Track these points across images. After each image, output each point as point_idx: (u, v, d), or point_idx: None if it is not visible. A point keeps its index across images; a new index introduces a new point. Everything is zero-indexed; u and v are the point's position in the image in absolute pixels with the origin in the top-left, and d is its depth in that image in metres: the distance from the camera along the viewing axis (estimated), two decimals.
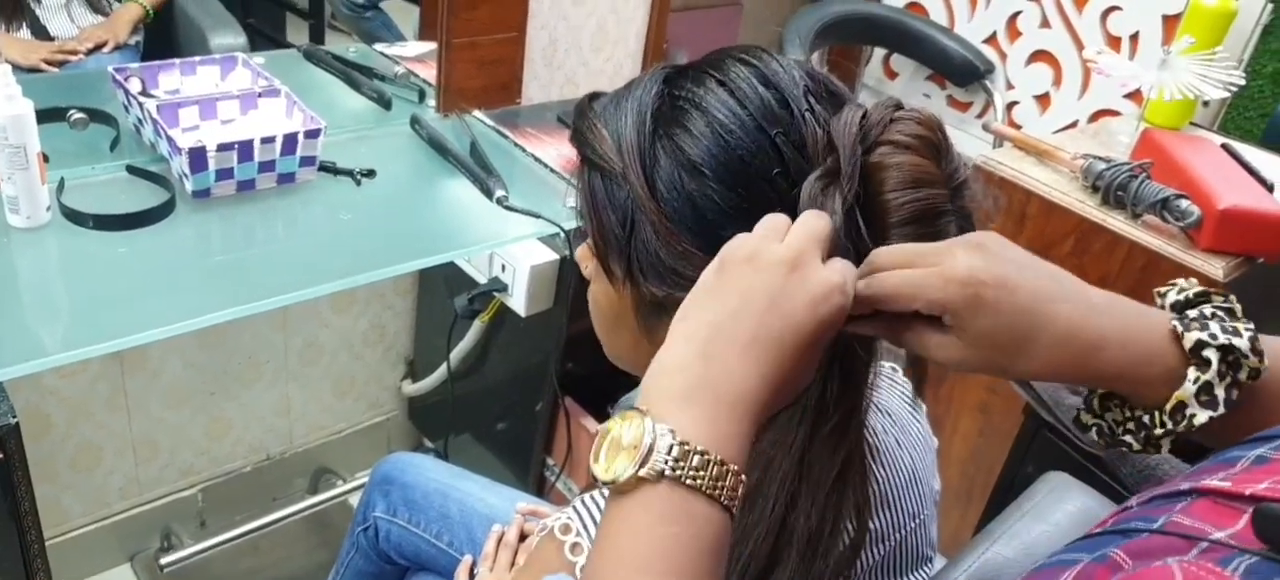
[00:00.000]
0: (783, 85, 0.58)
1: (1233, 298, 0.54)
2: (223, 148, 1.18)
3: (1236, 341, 0.51)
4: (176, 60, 1.39)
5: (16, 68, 1.53)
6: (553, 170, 1.49)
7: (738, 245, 0.50)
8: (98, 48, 1.68)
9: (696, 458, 0.44)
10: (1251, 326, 0.52)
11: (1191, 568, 0.46)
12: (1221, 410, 0.51)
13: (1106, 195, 1.48)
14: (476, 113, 1.61)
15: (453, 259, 1.40)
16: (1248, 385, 0.51)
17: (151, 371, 1.55)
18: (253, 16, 1.99)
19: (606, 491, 0.46)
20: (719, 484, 0.45)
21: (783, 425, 0.57)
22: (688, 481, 0.44)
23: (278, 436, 1.79)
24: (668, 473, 0.44)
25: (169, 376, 1.58)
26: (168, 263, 1.14)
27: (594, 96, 0.63)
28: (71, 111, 1.28)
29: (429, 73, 1.63)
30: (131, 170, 1.26)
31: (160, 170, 1.25)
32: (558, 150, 1.55)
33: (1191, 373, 0.51)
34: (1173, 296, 0.57)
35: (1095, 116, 2.09)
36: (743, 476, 0.46)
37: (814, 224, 0.50)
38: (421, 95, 1.61)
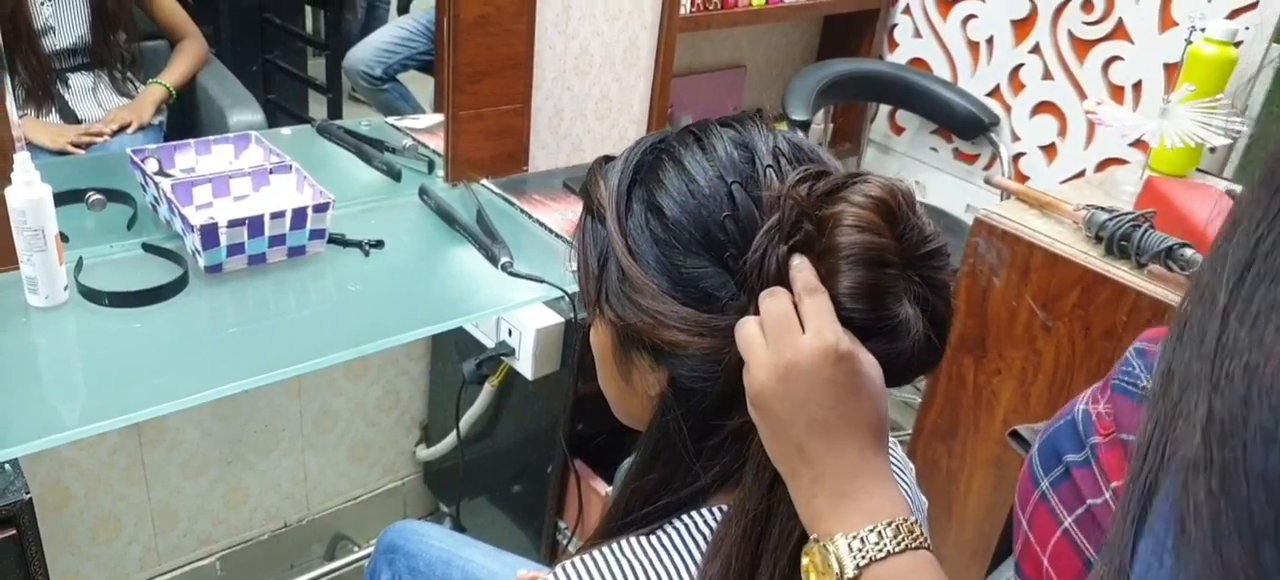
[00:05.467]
0: (753, 145, 0.62)
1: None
2: (233, 224, 1.22)
3: None
4: (191, 140, 1.43)
5: (45, 150, 1.59)
6: (558, 235, 1.51)
7: (770, 367, 0.55)
8: (122, 128, 1.74)
9: (872, 536, 0.54)
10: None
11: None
12: None
13: (1110, 245, 1.48)
14: (484, 181, 1.65)
15: (459, 325, 1.42)
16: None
17: (169, 443, 1.58)
18: (273, 93, 2.06)
19: None
20: (898, 538, 0.54)
21: (738, 490, 0.59)
22: (880, 556, 0.53)
23: (294, 504, 1.81)
24: (862, 562, 0.53)
25: (186, 447, 1.60)
26: (182, 337, 1.18)
27: (607, 158, 0.69)
28: (89, 193, 1.33)
29: (440, 143, 1.66)
30: (147, 248, 1.30)
31: (175, 247, 1.29)
32: (563, 215, 1.57)
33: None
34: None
35: (1102, 166, 2.09)
36: (907, 516, 0.55)
37: (824, 303, 0.56)
38: (430, 166, 1.65)
